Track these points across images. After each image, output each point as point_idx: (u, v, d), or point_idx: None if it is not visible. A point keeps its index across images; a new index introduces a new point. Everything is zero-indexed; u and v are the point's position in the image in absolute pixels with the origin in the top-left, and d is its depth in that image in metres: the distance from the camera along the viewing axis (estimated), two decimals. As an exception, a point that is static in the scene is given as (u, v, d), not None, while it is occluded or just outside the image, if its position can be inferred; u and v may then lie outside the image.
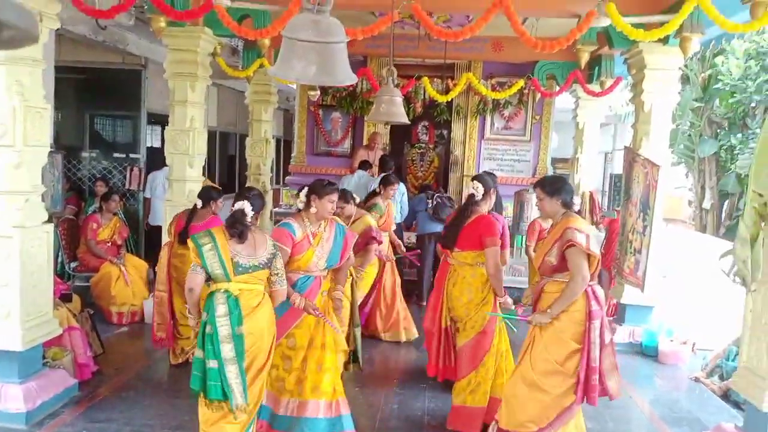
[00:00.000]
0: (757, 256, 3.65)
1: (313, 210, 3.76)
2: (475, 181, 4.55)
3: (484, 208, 4.52)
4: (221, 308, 3.19)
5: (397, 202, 7.15)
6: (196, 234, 3.38)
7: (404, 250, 6.61)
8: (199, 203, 4.93)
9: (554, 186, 3.68)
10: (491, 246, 4.23)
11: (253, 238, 3.37)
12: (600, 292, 3.56)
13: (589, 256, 3.46)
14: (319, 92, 9.44)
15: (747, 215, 3.69)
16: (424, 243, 7.29)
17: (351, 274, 4.59)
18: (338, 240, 3.87)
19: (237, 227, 3.31)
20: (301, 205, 3.82)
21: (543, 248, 3.70)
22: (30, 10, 1.32)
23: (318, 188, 3.77)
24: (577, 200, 3.71)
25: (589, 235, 3.49)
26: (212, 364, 3.17)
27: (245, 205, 3.37)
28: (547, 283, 3.64)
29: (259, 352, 3.32)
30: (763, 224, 3.66)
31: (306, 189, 3.81)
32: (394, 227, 6.63)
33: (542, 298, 3.66)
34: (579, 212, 3.75)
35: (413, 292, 7.43)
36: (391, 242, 6.38)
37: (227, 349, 3.16)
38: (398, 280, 6.30)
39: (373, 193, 6.47)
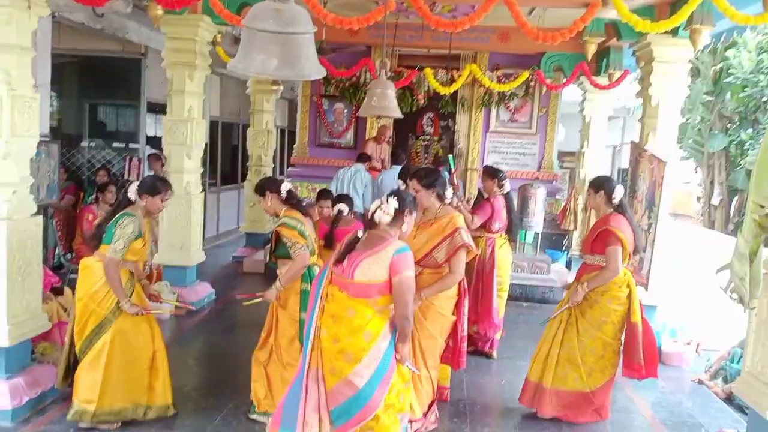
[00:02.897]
0: (757, 272, 3.33)
1: (404, 228, 3.18)
2: None
3: None
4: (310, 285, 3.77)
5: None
6: (288, 220, 3.85)
7: None
8: (345, 209, 4.84)
9: (429, 179, 3.92)
10: None
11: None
12: None
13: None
14: (281, 87, 9.30)
15: (746, 228, 3.39)
16: None
17: None
18: None
19: (302, 206, 4.05)
20: (387, 218, 3.05)
21: (429, 241, 3.90)
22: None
23: (412, 203, 3.21)
24: (449, 192, 4.11)
25: (466, 230, 3.92)
26: (302, 315, 3.76)
27: (290, 185, 4.06)
28: (425, 270, 3.92)
29: None
30: (763, 237, 3.40)
31: (396, 202, 3.07)
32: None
33: (419, 281, 3.62)
34: (451, 203, 4.20)
35: None
36: None
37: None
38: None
39: None
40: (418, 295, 3.62)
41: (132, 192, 3.86)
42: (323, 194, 5.26)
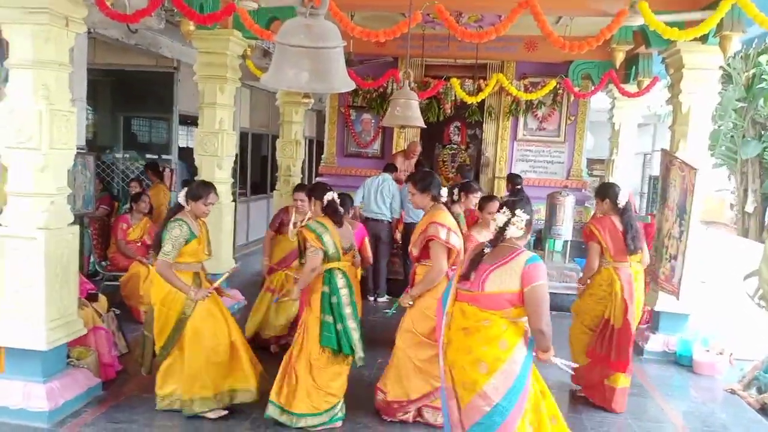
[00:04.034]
0: None
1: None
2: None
3: None
4: (341, 282, 4.08)
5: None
6: (312, 224, 4.14)
7: None
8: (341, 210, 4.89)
9: (425, 182, 4.22)
10: None
11: (346, 225, 4.26)
12: None
13: (449, 249, 4.03)
14: (312, 100, 9.34)
15: None
16: None
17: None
18: None
19: (338, 216, 4.19)
20: (519, 233, 3.07)
21: (412, 238, 4.26)
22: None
23: (531, 209, 3.16)
24: (444, 192, 4.33)
25: (450, 229, 4.03)
26: (339, 326, 4.02)
27: (335, 195, 4.26)
28: (417, 267, 4.25)
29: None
30: None
31: (525, 215, 3.08)
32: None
33: (414, 281, 4.25)
34: (445, 203, 4.38)
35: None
36: None
37: (349, 313, 4.06)
38: None
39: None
40: (407, 296, 4.17)
41: (181, 197, 4.08)
42: (298, 188, 5.59)
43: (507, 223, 3.05)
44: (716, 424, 4.64)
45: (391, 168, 7.82)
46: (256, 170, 12.10)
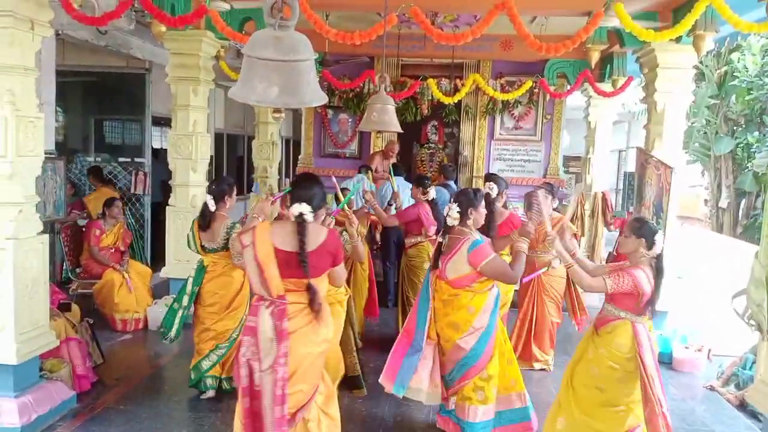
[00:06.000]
0: None
1: (470, 222, 3.78)
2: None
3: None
4: (192, 272, 4.57)
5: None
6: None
7: None
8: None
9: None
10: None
11: (213, 229, 4.41)
12: None
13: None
14: (284, 115, 9.04)
15: (763, 253, 3.34)
16: None
17: (348, 290, 4.47)
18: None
19: (203, 221, 4.43)
20: (454, 222, 3.72)
21: None
22: None
23: (471, 200, 3.76)
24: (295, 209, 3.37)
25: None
26: (176, 305, 4.55)
27: (208, 199, 4.39)
28: None
29: (221, 305, 4.52)
30: None
31: (457, 206, 3.71)
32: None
33: None
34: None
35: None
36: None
37: (185, 300, 4.50)
38: None
39: None
40: None
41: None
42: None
43: (446, 216, 3.73)
44: (696, 422, 4.66)
45: (365, 170, 7.78)
46: (231, 171, 11.97)
